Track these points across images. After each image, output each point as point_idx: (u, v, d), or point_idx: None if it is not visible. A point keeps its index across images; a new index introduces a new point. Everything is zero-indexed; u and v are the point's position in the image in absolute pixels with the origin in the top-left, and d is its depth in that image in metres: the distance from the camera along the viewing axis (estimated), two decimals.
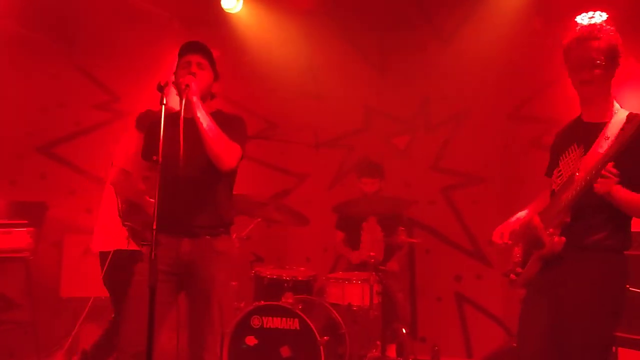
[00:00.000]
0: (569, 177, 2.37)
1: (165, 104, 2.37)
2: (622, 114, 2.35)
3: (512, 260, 2.53)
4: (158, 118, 2.38)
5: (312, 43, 5.44)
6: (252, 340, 3.72)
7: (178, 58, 2.80)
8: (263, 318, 3.73)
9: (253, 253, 5.46)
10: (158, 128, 2.36)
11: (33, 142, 5.27)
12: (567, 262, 2.33)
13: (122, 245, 3.53)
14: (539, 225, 2.39)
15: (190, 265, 2.69)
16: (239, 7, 5.18)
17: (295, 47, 5.45)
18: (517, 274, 2.48)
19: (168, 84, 2.45)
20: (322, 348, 3.58)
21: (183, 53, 2.79)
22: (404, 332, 4.25)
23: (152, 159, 2.49)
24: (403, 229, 4.59)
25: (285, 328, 3.69)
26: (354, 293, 4.04)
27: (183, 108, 2.51)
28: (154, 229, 2.23)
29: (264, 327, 3.72)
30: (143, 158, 2.85)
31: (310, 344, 3.60)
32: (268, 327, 3.71)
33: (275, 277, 4.11)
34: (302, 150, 5.73)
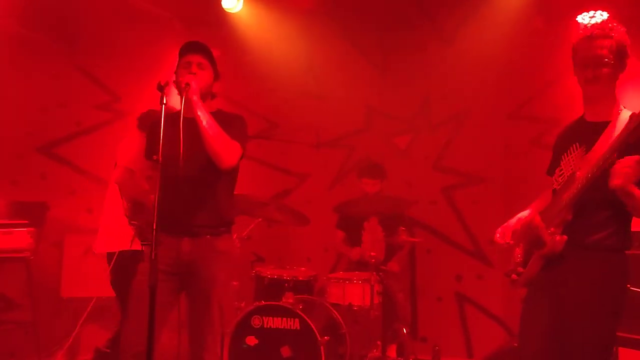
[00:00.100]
0: (570, 175, 2.36)
1: (166, 104, 2.37)
2: (625, 114, 2.32)
3: (513, 261, 2.52)
4: (159, 118, 2.38)
5: (312, 43, 5.44)
6: (252, 340, 3.72)
7: (178, 58, 2.81)
8: (263, 318, 3.73)
9: (254, 253, 5.45)
10: (159, 127, 2.36)
11: (33, 142, 5.25)
12: (568, 261, 2.32)
13: (126, 246, 3.53)
14: (540, 225, 2.38)
15: (191, 265, 2.69)
16: (240, 6, 5.17)
17: (296, 46, 5.45)
18: (518, 274, 2.47)
19: (168, 84, 2.45)
20: (322, 348, 3.58)
21: (183, 53, 2.79)
22: (405, 332, 4.25)
23: (153, 159, 2.49)
24: (404, 229, 4.58)
25: (286, 328, 3.69)
26: (355, 293, 4.04)
27: (183, 107, 2.51)
28: (154, 229, 2.23)
29: (265, 327, 3.72)
30: (145, 157, 2.86)
31: (311, 344, 3.60)
32: (268, 327, 3.71)
33: (276, 277, 4.12)
34: (303, 150, 5.72)
